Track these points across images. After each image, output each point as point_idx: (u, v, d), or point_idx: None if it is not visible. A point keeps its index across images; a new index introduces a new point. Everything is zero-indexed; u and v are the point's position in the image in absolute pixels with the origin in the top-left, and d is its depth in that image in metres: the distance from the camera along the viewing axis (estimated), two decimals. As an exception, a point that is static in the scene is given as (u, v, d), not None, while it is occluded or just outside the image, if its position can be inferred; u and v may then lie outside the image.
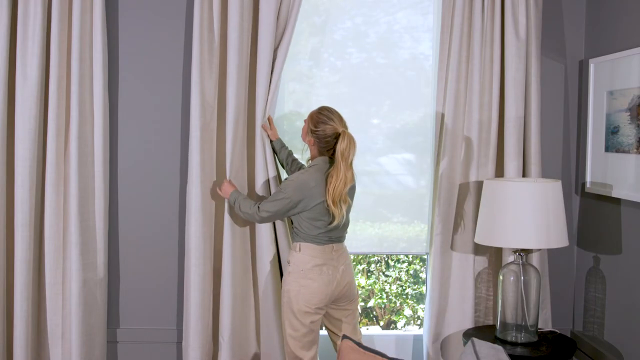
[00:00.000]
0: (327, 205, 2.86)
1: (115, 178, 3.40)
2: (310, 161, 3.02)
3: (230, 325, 3.22)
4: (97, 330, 3.30)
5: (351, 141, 2.86)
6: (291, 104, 3.46)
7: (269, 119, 3.23)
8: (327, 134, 2.89)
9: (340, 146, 2.84)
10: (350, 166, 2.87)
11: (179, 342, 3.43)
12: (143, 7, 3.37)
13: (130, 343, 3.46)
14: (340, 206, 2.86)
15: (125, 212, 3.42)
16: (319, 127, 2.89)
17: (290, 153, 3.27)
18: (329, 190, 2.84)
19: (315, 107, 3.14)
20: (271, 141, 3.25)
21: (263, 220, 2.99)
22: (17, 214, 3.14)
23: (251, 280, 3.31)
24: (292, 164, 3.24)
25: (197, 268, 3.18)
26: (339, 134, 2.87)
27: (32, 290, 3.19)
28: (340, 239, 2.99)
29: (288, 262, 2.97)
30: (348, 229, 3.06)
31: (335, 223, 2.88)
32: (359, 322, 3.19)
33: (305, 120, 2.99)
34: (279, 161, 3.29)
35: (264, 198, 3.14)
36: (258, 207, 2.94)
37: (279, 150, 3.26)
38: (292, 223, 2.99)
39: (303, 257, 2.91)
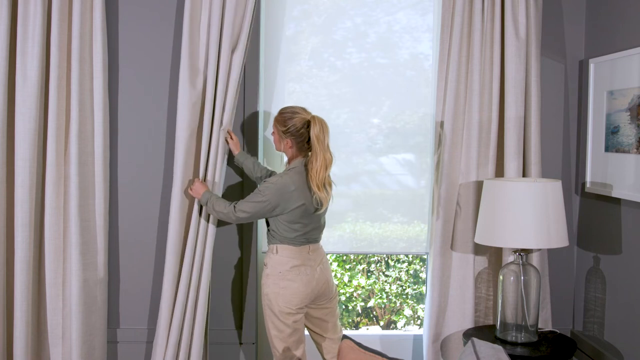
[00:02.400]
0: (313, 193, 2.86)
1: (115, 178, 3.40)
2: (287, 164, 3.01)
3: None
4: (97, 330, 3.30)
5: (322, 124, 2.87)
6: (291, 104, 3.45)
7: (229, 132, 3.20)
8: (299, 127, 2.89)
9: (314, 131, 2.85)
10: (327, 148, 2.87)
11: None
12: (143, 7, 3.37)
13: (130, 343, 3.46)
14: (326, 189, 2.88)
15: (125, 212, 3.42)
16: (288, 124, 2.89)
17: (255, 161, 3.24)
18: (311, 176, 2.84)
19: (314, 107, 3.14)
20: (234, 155, 3.24)
21: (239, 220, 2.96)
22: (17, 214, 3.14)
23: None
24: (260, 172, 3.21)
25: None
26: (309, 122, 2.87)
27: (32, 290, 3.19)
28: (317, 239, 3.00)
29: (265, 265, 2.97)
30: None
31: (323, 209, 2.88)
32: (340, 319, 3.21)
33: (272, 133, 2.99)
34: (247, 172, 3.26)
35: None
36: (234, 206, 2.93)
37: (243, 162, 3.24)
38: (268, 226, 2.99)
39: (280, 259, 2.91)
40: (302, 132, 2.89)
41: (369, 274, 4.56)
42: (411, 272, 4.52)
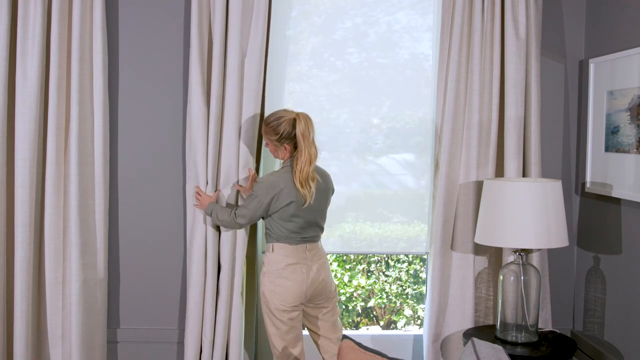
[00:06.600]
0: (297, 189, 2.87)
1: (115, 178, 3.40)
2: (282, 163, 3.01)
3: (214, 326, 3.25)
4: (97, 330, 3.30)
5: (307, 120, 2.89)
6: (291, 104, 3.45)
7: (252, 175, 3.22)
8: (289, 129, 2.89)
9: (299, 128, 2.87)
10: (312, 143, 2.89)
11: (179, 342, 3.43)
12: (143, 6, 3.37)
13: (130, 343, 3.46)
14: (309, 185, 2.88)
15: (125, 212, 3.42)
16: (279, 131, 2.90)
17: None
18: (295, 173, 2.86)
19: (314, 107, 3.13)
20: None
21: (242, 226, 3.04)
22: (17, 214, 3.14)
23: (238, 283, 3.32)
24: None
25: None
26: (295, 121, 2.89)
27: (32, 290, 3.19)
28: (314, 238, 3.00)
29: (263, 264, 2.99)
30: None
31: (306, 204, 2.88)
32: (341, 318, 3.21)
33: (266, 144, 3.00)
34: None
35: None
36: (235, 213, 2.98)
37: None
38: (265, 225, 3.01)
39: (276, 257, 2.93)
40: (294, 134, 2.90)
41: (369, 274, 4.57)
42: (411, 272, 4.52)
